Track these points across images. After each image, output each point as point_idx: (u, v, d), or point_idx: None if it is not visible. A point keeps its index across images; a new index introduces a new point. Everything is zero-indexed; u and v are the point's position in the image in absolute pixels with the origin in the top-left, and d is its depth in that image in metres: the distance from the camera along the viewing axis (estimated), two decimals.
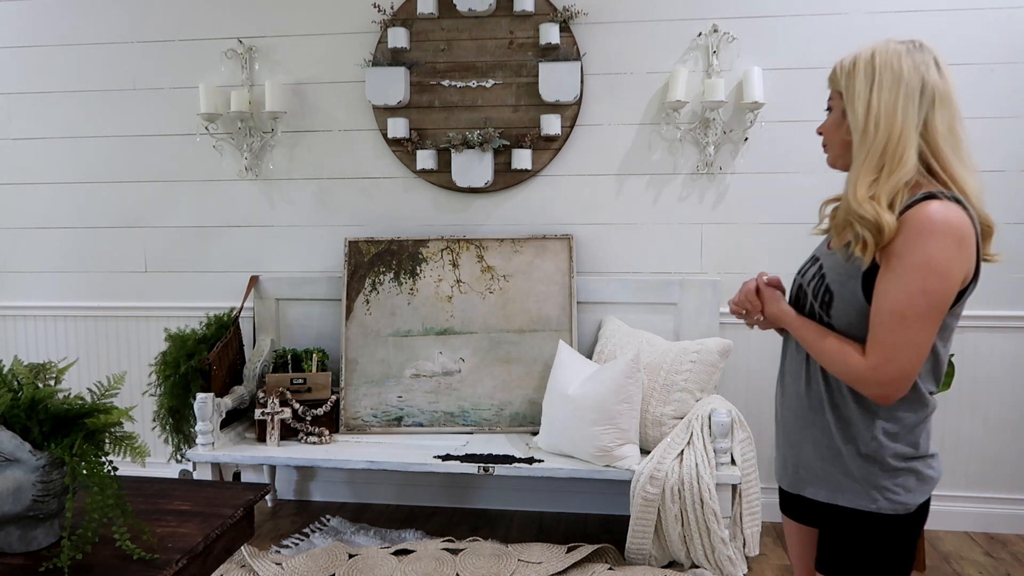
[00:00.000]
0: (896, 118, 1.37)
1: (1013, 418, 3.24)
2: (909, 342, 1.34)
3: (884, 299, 1.36)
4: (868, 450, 1.44)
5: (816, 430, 1.51)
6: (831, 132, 1.52)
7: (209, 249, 3.63)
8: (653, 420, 2.94)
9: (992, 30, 3.10)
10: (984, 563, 3.01)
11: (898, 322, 1.34)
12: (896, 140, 1.37)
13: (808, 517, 1.61)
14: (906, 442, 1.44)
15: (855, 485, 1.45)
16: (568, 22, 3.26)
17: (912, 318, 1.33)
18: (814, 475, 1.52)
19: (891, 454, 1.43)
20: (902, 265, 1.33)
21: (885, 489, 1.44)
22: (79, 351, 3.73)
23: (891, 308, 1.35)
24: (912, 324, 1.34)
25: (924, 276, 1.32)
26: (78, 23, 3.60)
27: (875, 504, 1.44)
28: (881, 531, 1.45)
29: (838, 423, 1.47)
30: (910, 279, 1.33)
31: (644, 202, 3.36)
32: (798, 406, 1.55)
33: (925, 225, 1.32)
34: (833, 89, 1.51)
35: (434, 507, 3.57)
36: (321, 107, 3.49)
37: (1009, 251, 3.14)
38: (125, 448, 1.51)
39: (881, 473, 1.44)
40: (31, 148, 3.69)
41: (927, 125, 1.38)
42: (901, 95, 1.38)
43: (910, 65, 1.40)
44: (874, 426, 1.44)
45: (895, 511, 1.44)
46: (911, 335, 1.34)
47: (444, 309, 3.31)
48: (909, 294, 1.33)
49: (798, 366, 1.55)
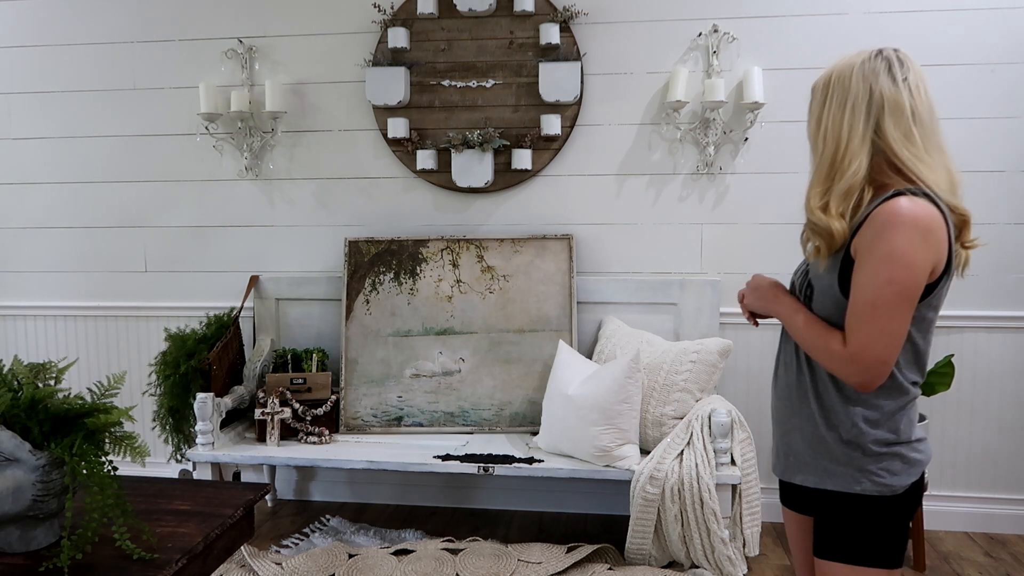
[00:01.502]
0: (842, 131, 1.47)
1: (1013, 418, 3.24)
2: (883, 330, 1.41)
3: (857, 291, 1.43)
4: (849, 436, 1.51)
5: (802, 418, 1.58)
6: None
7: (209, 249, 3.63)
8: (653, 420, 2.94)
9: (992, 30, 3.10)
10: (984, 563, 3.01)
11: (870, 312, 1.41)
12: (843, 152, 1.46)
13: (802, 505, 1.67)
14: (886, 428, 1.50)
15: (840, 469, 1.52)
16: (568, 22, 3.26)
17: (882, 307, 1.40)
18: (802, 462, 1.58)
19: (871, 440, 1.49)
20: (871, 257, 1.41)
21: (869, 472, 1.49)
22: (79, 351, 3.74)
23: (863, 299, 1.42)
24: (883, 313, 1.40)
25: (890, 267, 1.39)
26: (78, 23, 3.60)
27: (859, 486, 1.50)
28: (870, 512, 1.50)
29: (821, 411, 1.54)
30: (878, 270, 1.40)
31: (644, 202, 3.36)
32: (787, 395, 1.62)
33: (890, 219, 1.40)
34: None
35: (434, 507, 3.57)
36: (321, 107, 3.49)
37: (1009, 251, 3.16)
38: (125, 448, 1.51)
39: (863, 457, 1.50)
40: (31, 148, 3.69)
41: (880, 132, 1.46)
42: (848, 109, 1.47)
43: (859, 77, 1.48)
44: (853, 413, 1.50)
45: (880, 492, 1.49)
46: (883, 324, 1.41)
47: (444, 309, 3.31)
48: (877, 285, 1.40)
49: (789, 357, 1.63)
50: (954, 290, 3.08)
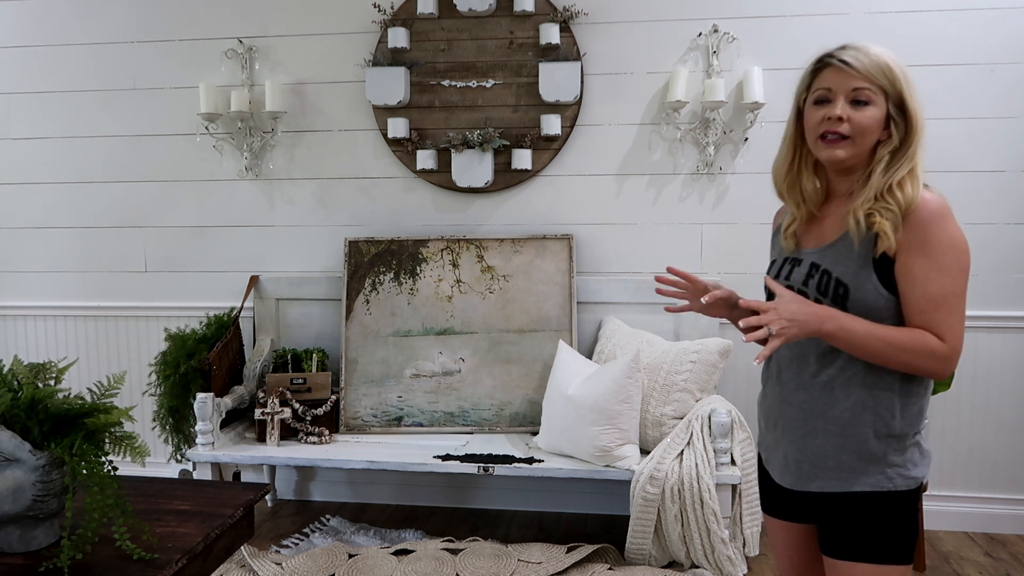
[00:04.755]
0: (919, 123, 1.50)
1: (1013, 418, 3.24)
2: (963, 317, 1.45)
3: (930, 285, 1.42)
4: (888, 429, 1.49)
5: (827, 419, 1.51)
6: (872, 129, 1.48)
7: (209, 249, 3.63)
8: (653, 420, 2.94)
9: (992, 30, 3.10)
10: (984, 563, 3.01)
11: (955, 303, 1.43)
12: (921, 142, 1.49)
13: (803, 513, 1.62)
14: (917, 415, 1.51)
15: (871, 467, 1.49)
16: (568, 22, 3.26)
17: (961, 296, 1.44)
18: (823, 466, 1.52)
19: (907, 430, 1.49)
20: (933, 250, 1.42)
21: (898, 466, 1.49)
22: (79, 351, 3.73)
23: (943, 291, 1.42)
24: (961, 301, 1.44)
25: (956, 256, 1.43)
26: (78, 23, 3.60)
27: (891, 483, 1.48)
28: (893, 508, 1.49)
29: (856, 406, 1.49)
30: (948, 260, 1.42)
31: (644, 202, 3.36)
32: (804, 398, 1.54)
33: (936, 210, 1.43)
34: (875, 82, 1.47)
35: (434, 507, 3.57)
36: (321, 107, 3.49)
37: (1009, 251, 3.16)
38: (125, 448, 1.51)
39: (895, 452, 1.49)
40: (31, 148, 3.69)
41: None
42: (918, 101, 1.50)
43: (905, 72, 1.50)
44: (893, 403, 1.48)
45: (908, 487, 1.49)
46: (962, 311, 1.45)
47: (444, 309, 3.31)
48: (952, 275, 1.42)
49: (804, 359, 1.53)
50: None
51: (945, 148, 3.10)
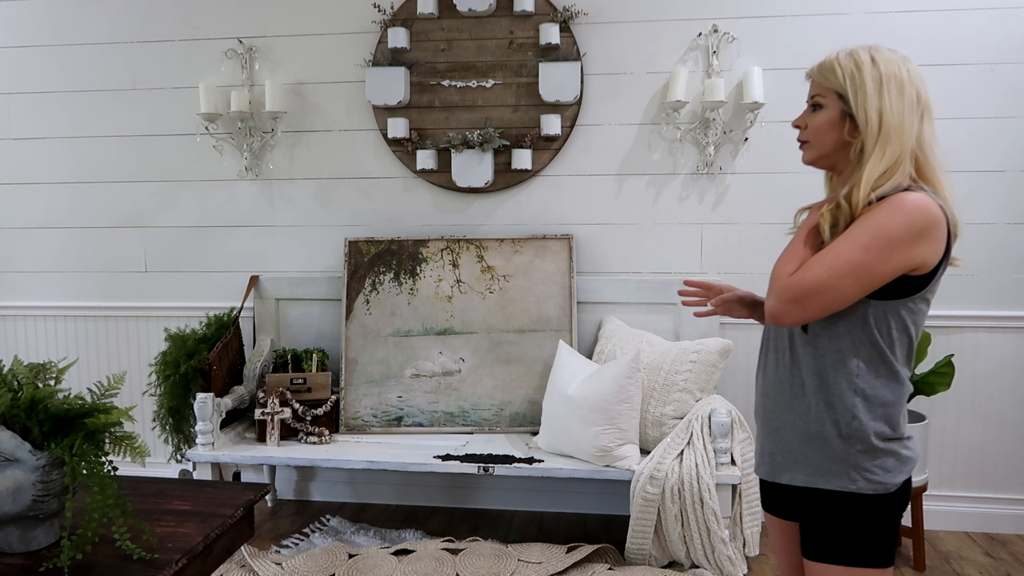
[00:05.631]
0: (904, 127, 1.45)
1: (1013, 418, 3.24)
2: (830, 275, 1.41)
3: (831, 247, 1.43)
4: (849, 429, 1.48)
5: (796, 413, 1.54)
6: (824, 131, 1.53)
7: (209, 249, 3.63)
8: (653, 420, 2.94)
9: (992, 30, 3.10)
10: (984, 563, 3.01)
11: (830, 260, 1.41)
12: (906, 148, 1.45)
13: (786, 510, 1.63)
14: (885, 421, 1.48)
15: (835, 467, 1.49)
16: (568, 22, 3.26)
17: (843, 263, 1.40)
18: (792, 459, 1.55)
19: (872, 432, 1.47)
20: (860, 225, 1.42)
21: (864, 470, 1.47)
22: (79, 351, 3.73)
23: (834, 249, 1.42)
24: (842, 263, 1.40)
25: (873, 236, 1.39)
26: (78, 23, 3.60)
27: (855, 485, 1.48)
28: (862, 511, 1.49)
29: (819, 404, 1.50)
30: (860, 233, 1.41)
31: (644, 202, 3.36)
32: (778, 391, 1.58)
33: (896, 203, 1.41)
34: (825, 87, 1.53)
35: (434, 507, 3.57)
36: (321, 107, 3.49)
37: (1009, 251, 3.16)
38: (125, 448, 1.51)
39: (861, 454, 1.47)
40: (31, 148, 3.69)
41: (920, 133, 1.47)
42: (906, 105, 1.46)
43: (906, 76, 1.47)
44: (854, 404, 1.47)
45: (875, 491, 1.48)
46: (836, 270, 1.41)
47: (444, 309, 3.31)
48: (852, 244, 1.41)
49: (782, 352, 1.58)
50: (954, 290, 3.10)
51: (945, 148, 3.08)
